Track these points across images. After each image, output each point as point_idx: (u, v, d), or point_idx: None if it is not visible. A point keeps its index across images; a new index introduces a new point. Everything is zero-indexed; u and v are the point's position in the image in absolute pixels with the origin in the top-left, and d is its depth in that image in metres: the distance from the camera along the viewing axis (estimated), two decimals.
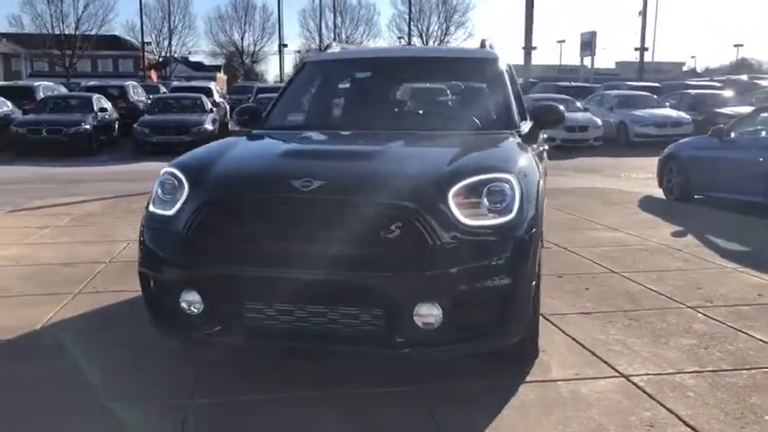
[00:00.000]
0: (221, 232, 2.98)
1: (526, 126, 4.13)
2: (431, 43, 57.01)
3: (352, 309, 2.88)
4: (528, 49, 23.52)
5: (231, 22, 60.57)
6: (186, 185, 3.13)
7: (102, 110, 18.79)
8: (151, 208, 3.24)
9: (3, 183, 11.73)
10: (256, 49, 61.81)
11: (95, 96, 19.41)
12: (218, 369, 3.34)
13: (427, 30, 57.41)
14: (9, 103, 19.46)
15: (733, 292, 4.75)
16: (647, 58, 42.62)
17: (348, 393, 3.12)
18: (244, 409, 2.98)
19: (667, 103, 20.50)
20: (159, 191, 3.23)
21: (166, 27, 56.59)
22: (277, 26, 51.37)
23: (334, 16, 55.71)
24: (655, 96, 21.16)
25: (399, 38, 52.30)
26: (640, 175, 12.63)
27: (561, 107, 4.19)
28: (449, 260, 2.83)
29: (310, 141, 3.88)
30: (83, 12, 52.05)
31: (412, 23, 55.02)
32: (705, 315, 4.26)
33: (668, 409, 2.97)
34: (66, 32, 51.32)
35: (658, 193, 9.81)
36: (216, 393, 3.11)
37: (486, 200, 2.97)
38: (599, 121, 18.43)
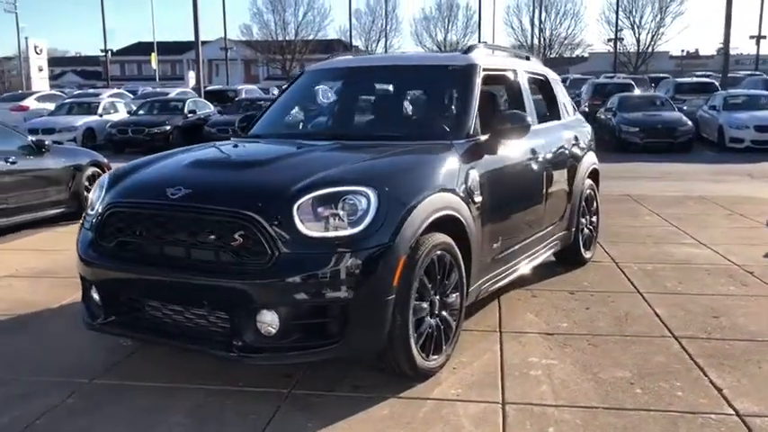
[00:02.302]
0: (112, 235, 3.32)
1: (485, 136, 3.96)
2: (643, 37, 53.54)
3: (202, 311, 3.07)
4: (726, 43, 21.29)
5: (435, 22, 61.63)
6: (104, 190, 3.52)
7: None
8: (88, 209, 3.68)
9: None
10: (458, 47, 62.36)
11: None
12: (132, 356, 3.69)
13: (640, 21, 53.93)
14: (210, 105, 21.84)
15: (757, 325, 4.15)
16: None
17: (209, 388, 3.27)
18: (108, 391, 3.29)
19: None
20: (92, 194, 3.65)
21: (375, 30, 59.12)
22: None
23: (540, 11, 54.29)
24: None
25: (614, 37, 49.53)
26: None
27: (524, 115, 3.94)
28: (287, 270, 2.90)
29: (224, 150, 4.02)
30: (302, 19, 56.55)
31: (624, 15, 52.07)
32: (683, 348, 3.80)
33: None
34: (287, 39, 55.90)
35: None
36: (106, 376, 3.46)
37: (341, 212, 2.99)
38: None
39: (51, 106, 23.18)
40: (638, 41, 53.64)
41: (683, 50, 66.29)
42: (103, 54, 46.87)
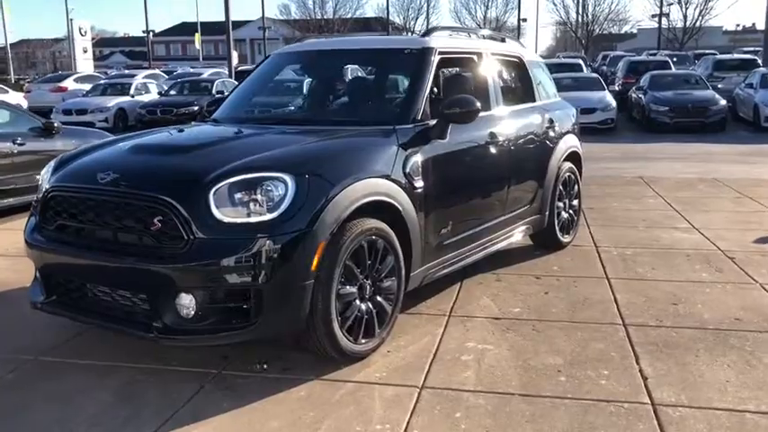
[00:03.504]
0: (52, 218, 3.44)
1: (434, 121, 3.95)
2: (690, 11, 51.87)
3: (127, 293, 3.17)
4: None
5: None
6: (50, 174, 3.64)
7: None
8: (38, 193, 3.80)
9: None
10: (498, 24, 61.42)
11: None
12: (82, 335, 3.81)
13: None
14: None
15: (713, 312, 4.08)
16: None
17: (143, 367, 3.38)
18: (48, 369, 3.42)
19: None
20: (40, 178, 3.77)
21: (413, 8, 58.65)
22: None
23: None
24: None
25: (659, 12, 48.04)
26: None
27: (472, 99, 3.90)
28: (203, 255, 2.97)
29: (166, 135, 4.05)
30: None
31: None
32: (627, 335, 3.76)
33: (407, 423, 2.82)
34: (325, 17, 55.94)
35: None
36: (51, 353, 3.59)
37: (259, 197, 3.05)
38: None
39: (90, 87, 23.72)
40: (685, 17, 52.04)
41: (737, 25, 64.02)
42: (150, 34, 47.67)
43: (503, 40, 5.27)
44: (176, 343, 3.15)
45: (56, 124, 8.63)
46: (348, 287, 3.30)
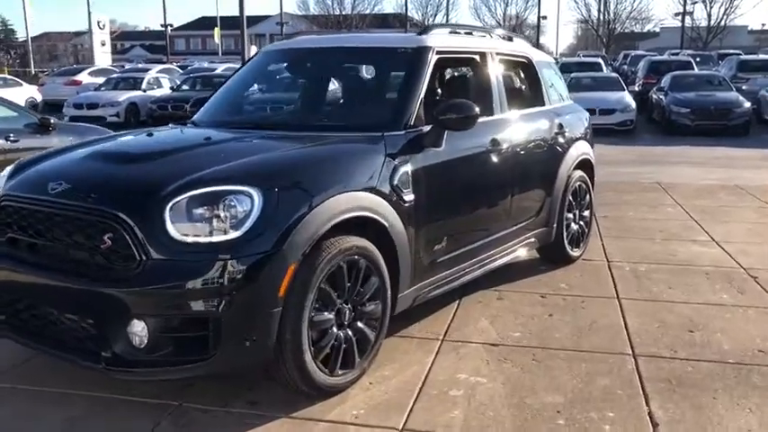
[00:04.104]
0: (2, 230, 3.12)
1: (428, 127, 3.60)
2: (714, 10, 50.87)
3: (75, 317, 2.85)
4: None
5: None
6: (4, 181, 3.33)
7: None
8: None
9: None
10: (518, 22, 60.69)
11: None
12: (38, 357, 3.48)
13: None
14: None
15: (734, 342, 3.69)
16: None
17: (98, 396, 3.06)
18: None
19: None
20: None
21: (432, 4, 58.14)
22: None
23: None
24: None
25: (682, 11, 47.17)
26: None
27: (469, 104, 3.54)
28: (157, 277, 2.65)
29: (131, 140, 3.75)
30: None
31: None
32: (637, 369, 3.39)
33: None
34: (343, 13, 55.62)
35: None
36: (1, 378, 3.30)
37: (221, 214, 2.71)
38: None
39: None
40: (709, 15, 51.08)
41: (763, 24, 62.79)
42: (168, 28, 47.61)
43: (510, 39, 4.89)
44: (127, 376, 2.82)
45: (52, 120, 8.37)
46: (324, 313, 2.96)
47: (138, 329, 2.69)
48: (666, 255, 5.53)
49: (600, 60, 24.26)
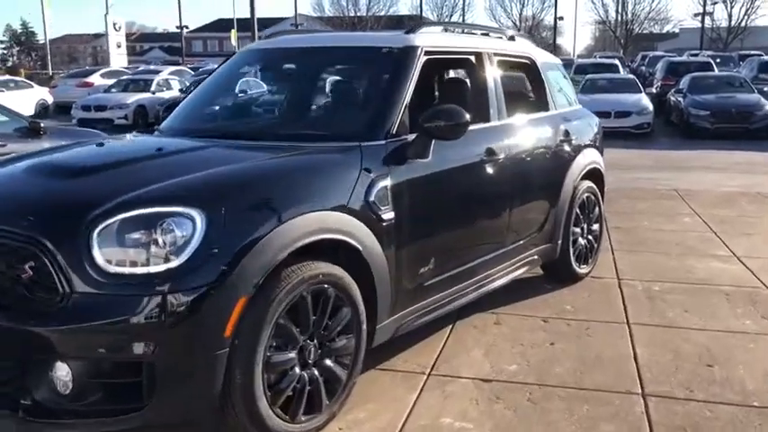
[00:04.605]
0: None
1: (413, 136, 3.21)
2: (735, 10, 49.96)
3: None
4: None
5: None
6: None
7: None
8: None
9: None
10: (534, 23, 60.00)
11: None
12: None
13: None
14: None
15: (759, 380, 3.26)
16: None
17: None
18: None
19: None
20: None
21: (447, 5, 57.71)
22: None
23: None
24: None
25: (702, 11, 46.30)
26: None
27: (458, 110, 3.15)
28: (82, 314, 2.28)
29: (75, 152, 3.37)
30: None
31: None
32: (647, 412, 2.97)
33: None
34: (358, 15, 55.36)
35: None
36: None
37: (158, 239, 2.34)
38: None
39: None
40: (730, 15, 50.16)
41: None
42: (184, 30, 47.56)
43: (511, 39, 4.48)
44: (49, 428, 2.44)
45: (42, 124, 8.12)
46: (283, 352, 2.58)
47: (63, 374, 2.32)
48: (683, 272, 5.09)
49: (616, 62, 23.72)
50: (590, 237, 4.91)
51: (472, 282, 3.70)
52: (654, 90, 19.94)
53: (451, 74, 3.93)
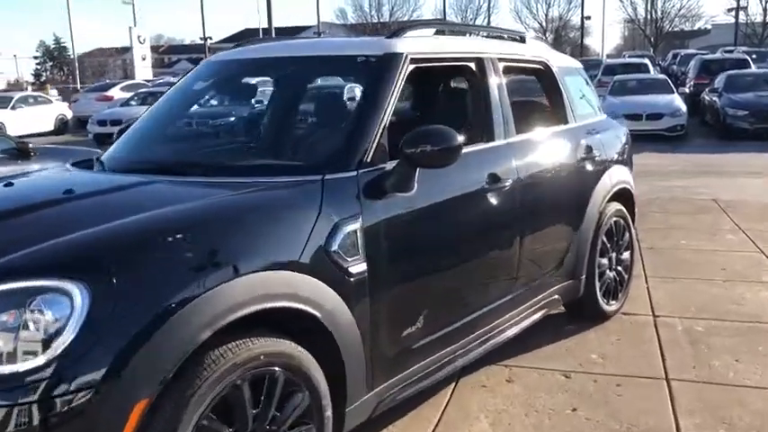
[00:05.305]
0: None
1: (393, 164, 2.57)
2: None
3: None
4: None
5: None
6: None
7: None
8: None
9: None
10: (561, 23, 58.83)
11: None
12: None
13: None
14: None
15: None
16: None
17: None
18: None
19: None
20: None
21: (472, 9, 56.99)
22: None
23: None
24: None
25: (735, 6, 44.79)
26: None
27: (448, 132, 2.51)
28: None
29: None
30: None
31: None
32: None
33: None
34: (382, 21, 54.91)
35: None
36: None
37: (28, 322, 1.74)
38: None
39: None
40: (765, 10, 48.55)
41: None
42: (210, 42, 47.52)
43: (521, 40, 3.82)
44: None
45: (30, 145, 7.72)
46: None
47: None
48: (730, 304, 4.38)
49: (646, 61, 22.77)
50: (619, 267, 4.22)
51: (475, 336, 3.06)
52: (687, 90, 19.02)
53: (446, 85, 3.29)
